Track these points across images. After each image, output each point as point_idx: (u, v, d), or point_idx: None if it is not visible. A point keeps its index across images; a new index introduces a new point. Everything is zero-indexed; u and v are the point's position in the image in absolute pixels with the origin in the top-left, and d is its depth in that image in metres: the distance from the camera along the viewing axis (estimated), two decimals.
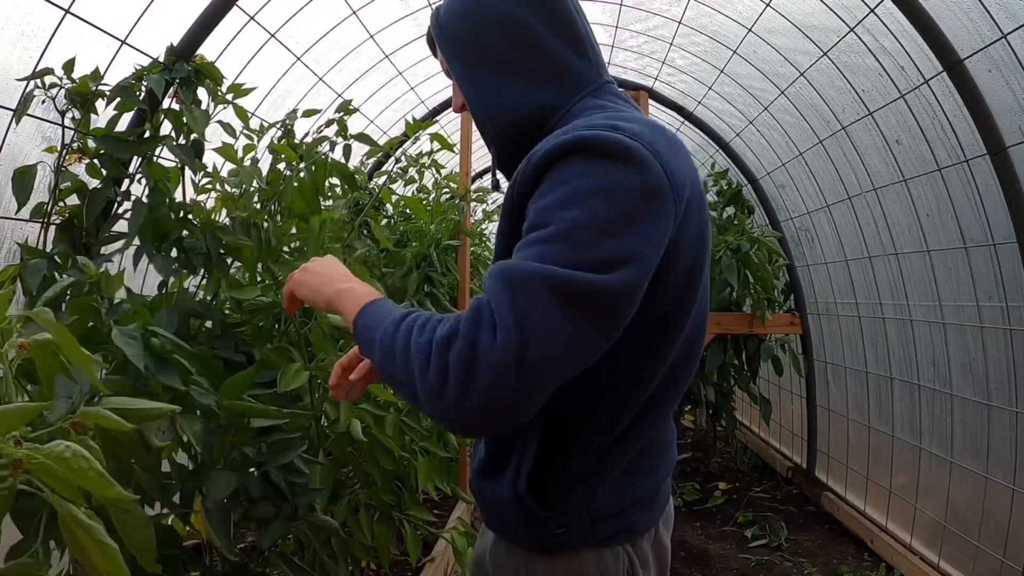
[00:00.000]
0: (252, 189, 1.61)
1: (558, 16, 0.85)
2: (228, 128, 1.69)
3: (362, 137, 1.74)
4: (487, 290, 0.68)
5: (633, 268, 0.68)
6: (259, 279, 1.65)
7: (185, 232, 1.50)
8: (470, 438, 0.79)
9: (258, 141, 1.66)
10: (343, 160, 1.78)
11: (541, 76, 0.85)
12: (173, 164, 1.58)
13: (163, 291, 1.50)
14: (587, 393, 0.82)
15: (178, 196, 1.59)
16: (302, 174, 1.62)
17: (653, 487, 0.89)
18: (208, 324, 1.54)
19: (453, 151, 2.21)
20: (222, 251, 1.51)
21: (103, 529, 0.64)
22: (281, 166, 1.69)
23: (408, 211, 3.01)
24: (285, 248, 1.67)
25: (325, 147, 1.71)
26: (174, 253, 1.48)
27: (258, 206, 1.62)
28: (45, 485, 0.62)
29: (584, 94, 0.86)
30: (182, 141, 1.55)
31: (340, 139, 1.73)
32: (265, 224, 1.59)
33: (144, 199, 1.49)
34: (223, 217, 1.62)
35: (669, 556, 0.98)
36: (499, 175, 0.96)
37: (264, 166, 1.80)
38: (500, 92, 0.85)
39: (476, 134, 4.55)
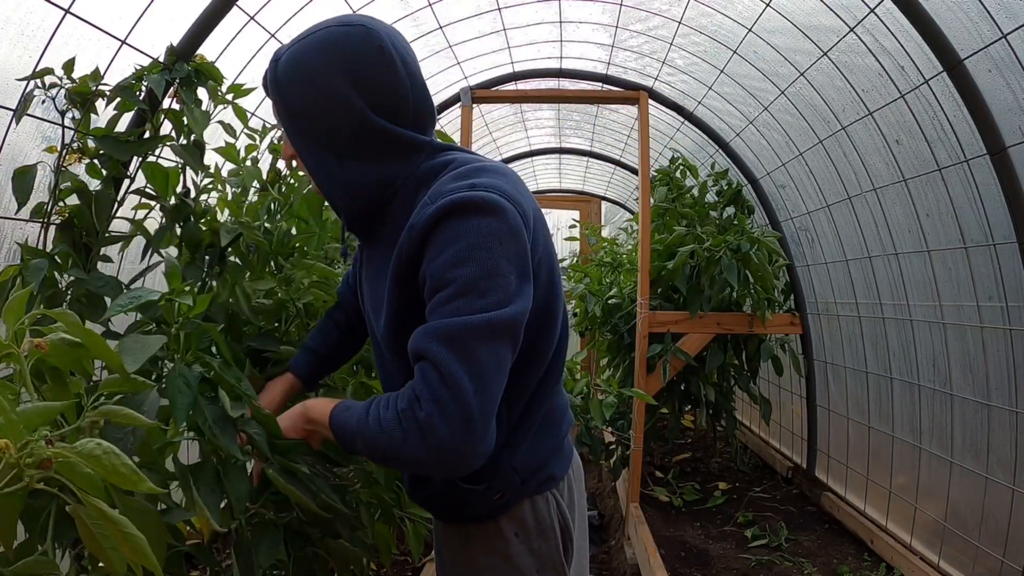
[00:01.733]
0: (266, 199, 1.62)
1: (374, 84, 0.92)
2: (228, 128, 1.69)
3: None
4: (424, 351, 0.84)
5: (522, 293, 0.88)
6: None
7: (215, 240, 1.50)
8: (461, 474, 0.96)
9: (260, 141, 1.66)
10: None
11: (375, 153, 0.95)
12: (172, 165, 1.58)
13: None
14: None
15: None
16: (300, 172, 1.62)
17: (559, 441, 1.10)
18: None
19: None
20: (231, 254, 1.51)
21: (129, 521, 0.65)
22: (280, 165, 1.69)
23: None
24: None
25: None
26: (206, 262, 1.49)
27: (265, 216, 1.63)
28: (70, 482, 0.63)
29: (421, 159, 0.97)
30: (183, 141, 1.55)
31: None
32: (270, 227, 1.60)
33: (169, 205, 1.49)
34: (224, 216, 1.63)
35: (585, 500, 1.21)
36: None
37: (264, 165, 1.80)
38: (343, 169, 0.96)
39: (476, 134, 4.55)
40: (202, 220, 1.53)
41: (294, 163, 1.06)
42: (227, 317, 1.44)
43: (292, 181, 1.72)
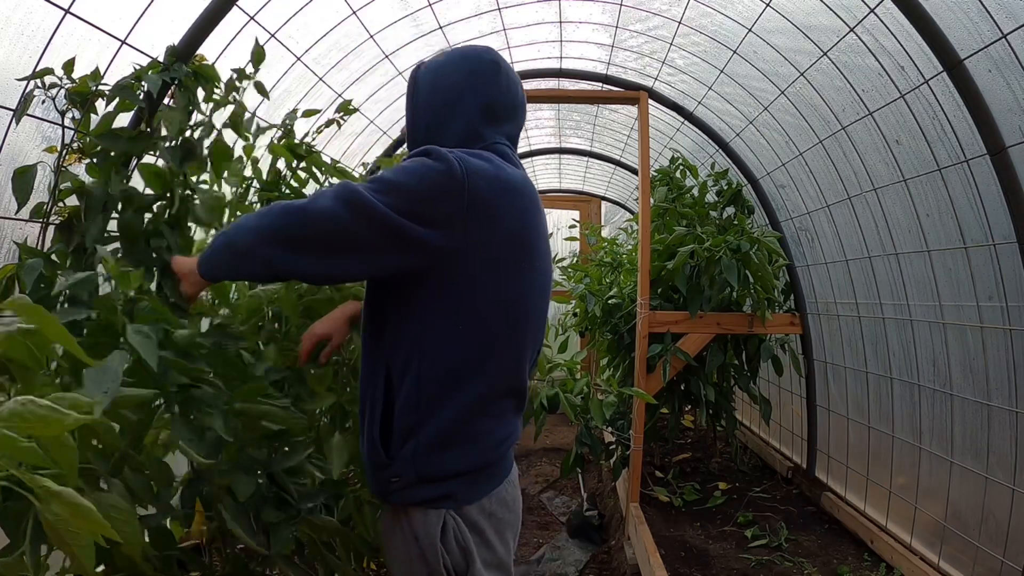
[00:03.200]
0: (252, 190, 1.61)
1: (490, 101, 1.22)
2: (236, 124, 1.69)
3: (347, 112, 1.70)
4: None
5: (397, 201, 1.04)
6: None
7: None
8: None
9: (254, 141, 1.66)
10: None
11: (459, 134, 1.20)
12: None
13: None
14: (403, 354, 1.10)
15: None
16: (300, 173, 1.62)
17: (477, 467, 1.13)
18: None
19: None
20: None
21: (73, 491, 0.64)
22: (280, 164, 1.69)
23: None
24: None
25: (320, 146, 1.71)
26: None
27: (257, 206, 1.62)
28: (5, 456, 0.62)
29: (480, 147, 1.18)
30: (179, 142, 1.55)
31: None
32: None
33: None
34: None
35: (512, 531, 1.23)
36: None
37: (264, 166, 1.80)
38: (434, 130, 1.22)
39: None
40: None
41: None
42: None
43: (294, 183, 1.72)
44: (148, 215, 1.50)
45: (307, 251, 1.01)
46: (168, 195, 1.52)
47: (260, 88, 1.66)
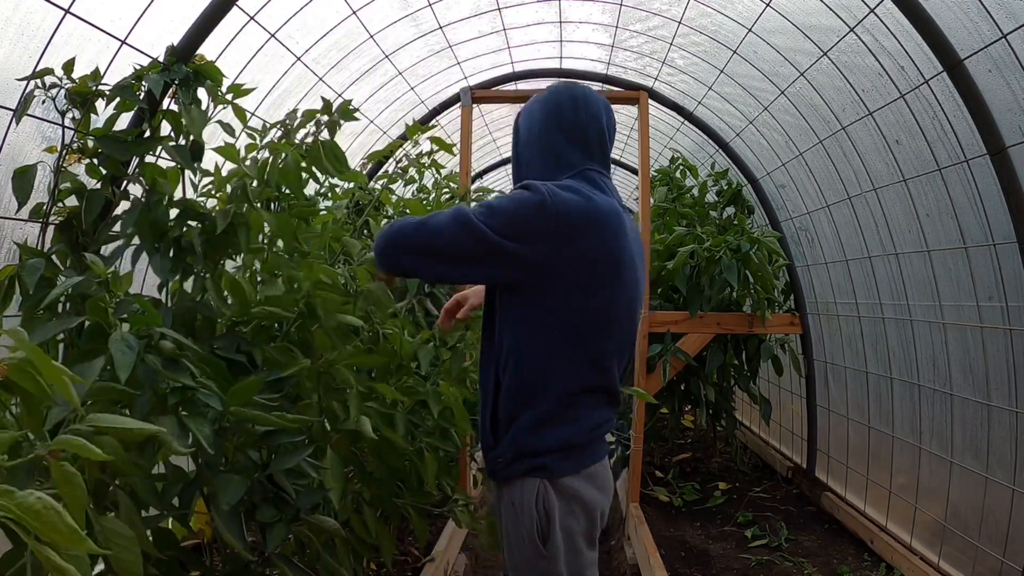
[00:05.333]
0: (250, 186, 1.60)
1: (574, 127, 1.41)
2: (228, 128, 1.68)
3: (346, 114, 1.68)
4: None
5: (501, 241, 1.26)
6: (259, 278, 1.65)
7: (185, 228, 1.49)
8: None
9: (261, 140, 1.66)
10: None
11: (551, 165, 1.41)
12: (174, 165, 1.58)
13: (163, 291, 1.49)
14: (506, 355, 1.33)
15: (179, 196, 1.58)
16: (289, 157, 1.59)
17: (569, 445, 1.32)
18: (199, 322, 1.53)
19: (452, 153, 2.21)
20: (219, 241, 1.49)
21: (76, 572, 0.63)
22: (275, 159, 1.68)
23: (407, 212, 3.01)
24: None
25: (312, 129, 1.67)
26: (171, 252, 1.47)
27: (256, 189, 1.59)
28: (21, 528, 0.61)
29: (571, 174, 1.38)
30: (181, 142, 1.55)
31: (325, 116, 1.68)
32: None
33: (142, 197, 1.48)
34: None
35: (601, 509, 1.40)
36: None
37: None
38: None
39: (476, 134, 4.55)
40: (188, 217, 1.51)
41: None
42: (186, 320, 1.44)
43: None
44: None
45: (425, 255, 1.30)
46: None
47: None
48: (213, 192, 1.64)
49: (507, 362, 1.33)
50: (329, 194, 2.27)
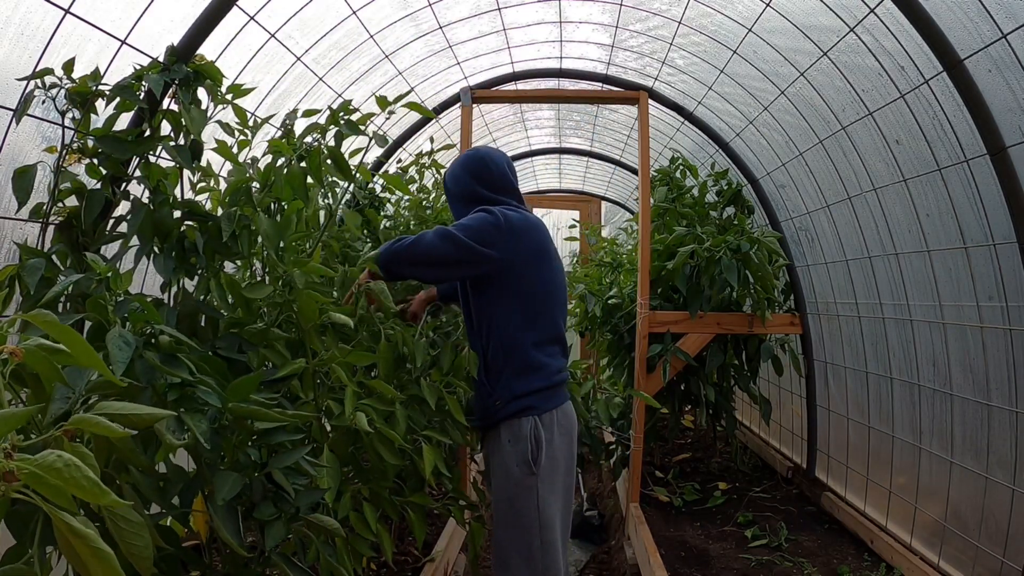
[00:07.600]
0: (248, 186, 1.60)
1: (486, 179, 2.01)
2: (228, 128, 1.68)
3: (351, 125, 1.69)
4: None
5: (478, 246, 1.85)
6: (260, 277, 1.65)
7: (184, 228, 1.49)
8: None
9: (252, 137, 1.66)
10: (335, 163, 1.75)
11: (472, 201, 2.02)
12: (173, 164, 1.58)
13: (165, 292, 1.49)
14: (485, 327, 1.92)
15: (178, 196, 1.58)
16: (294, 163, 1.60)
17: (546, 387, 1.89)
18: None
19: (453, 148, 2.21)
20: (221, 245, 1.50)
21: (97, 535, 0.63)
22: (280, 163, 1.69)
23: (407, 213, 3.01)
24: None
25: (317, 135, 1.68)
26: (172, 254, 1.47)
27: (258, 193, 1.61)
28: (37, 494, 0.61)
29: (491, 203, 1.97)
30: (181, 141, 1.55)
31: (332, 127, 1.69)
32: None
33: (144, 199, 1.49)
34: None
35: (571, 438, 1.97)
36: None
37: (263, 166, 1.80)
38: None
39: (476, 134, 4.55)
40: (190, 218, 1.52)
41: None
42: (189, 320, 1.44)
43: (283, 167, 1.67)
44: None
45: (423, 265, 1.83)
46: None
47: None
48: (218, 193, 1.64)
49: (488, 333, 1.91)
50: (329, 194, 2.27)
